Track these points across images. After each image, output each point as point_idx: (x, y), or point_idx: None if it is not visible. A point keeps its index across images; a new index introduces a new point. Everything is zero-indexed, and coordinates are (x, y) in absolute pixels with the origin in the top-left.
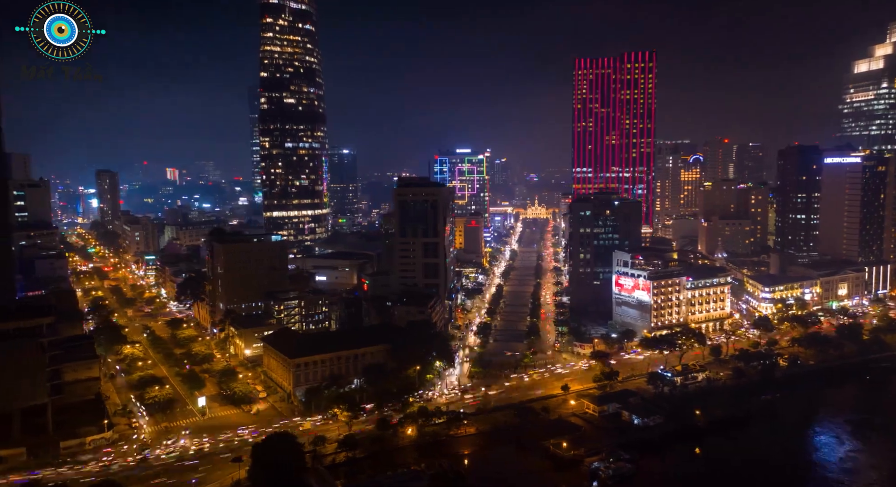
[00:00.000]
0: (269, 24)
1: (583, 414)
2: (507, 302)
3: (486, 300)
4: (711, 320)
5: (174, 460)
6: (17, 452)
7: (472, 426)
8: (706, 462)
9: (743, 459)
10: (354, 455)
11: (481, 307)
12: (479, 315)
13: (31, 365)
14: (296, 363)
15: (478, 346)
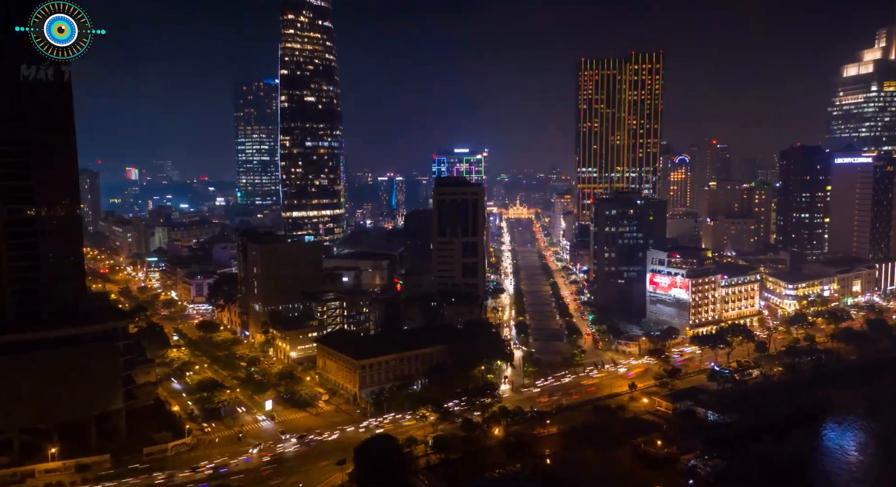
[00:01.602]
0: (290, 21)
1: (655, 412)
2: (527, 301)
3: (508, 300)
4: (743, 317)
5: (263, 466)
6: (102, 459)
7: (553, 425)
8: (790, 458)
9: (825, 454)
10: (448, 456)
11: (505, 306)
12: (508, 314)
13: (109, 370)
14: (361, 364)
15: (525, 345)
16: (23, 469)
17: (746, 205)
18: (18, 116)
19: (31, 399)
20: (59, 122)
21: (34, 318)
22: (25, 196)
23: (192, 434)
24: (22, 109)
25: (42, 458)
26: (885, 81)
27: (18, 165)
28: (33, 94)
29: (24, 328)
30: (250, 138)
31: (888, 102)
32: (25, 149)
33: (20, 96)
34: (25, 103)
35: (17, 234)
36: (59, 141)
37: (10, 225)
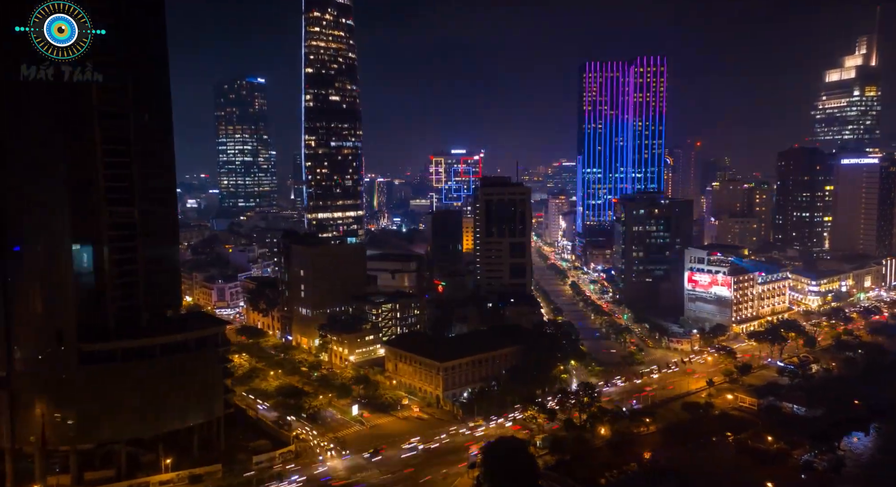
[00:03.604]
0: (315, 19)
1: (738, 408)
2: (555, 301)
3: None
4: (776, 313)
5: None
6: (214, 469)
7: (651, 424)
8: (882, 449)
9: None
10: (562, 458)
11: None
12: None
13: (212, 377)
14: (444, 366)
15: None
16: (137, 481)
17: (747, 205)
18: (123, 116)
19: (138, 408)
20: (158, 122)
21: (134, 325)
22: (126, 197)
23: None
24: (126, 109)
25: (150, 469)
26: (866, 86)
27: (120, 165)
28: (136, 95)
29: (128, 335)
30: (232, 138)
31: (869, 106)
32: (127, 150)
33: (126, 96)
34: (129, 103)
35: (118, 237)
36: (158, 141)
37: (112, 227)
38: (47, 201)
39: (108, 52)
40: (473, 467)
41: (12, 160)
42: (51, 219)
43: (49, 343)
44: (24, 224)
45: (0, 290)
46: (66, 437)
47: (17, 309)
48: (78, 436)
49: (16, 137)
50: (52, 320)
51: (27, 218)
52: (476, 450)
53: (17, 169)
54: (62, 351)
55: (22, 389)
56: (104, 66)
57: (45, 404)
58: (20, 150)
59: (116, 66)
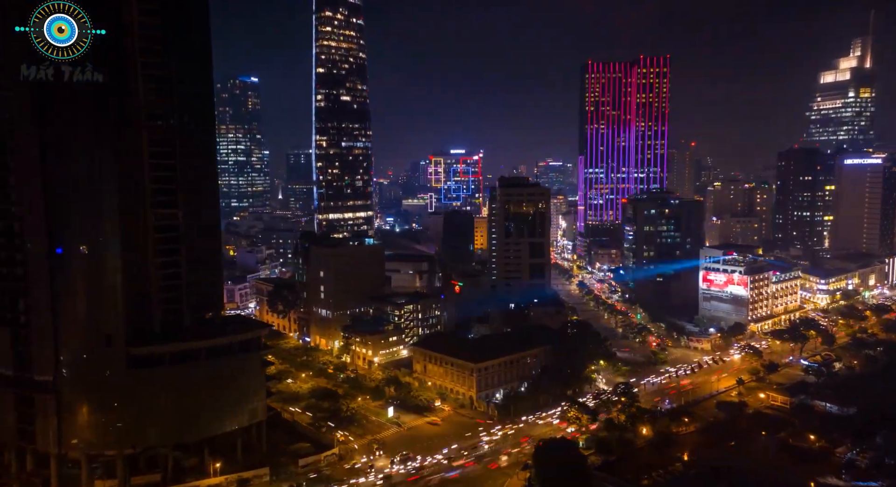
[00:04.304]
0: (327, 19)
1: (771, 406)
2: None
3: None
4: (788, 312)
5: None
6: (261, 473)
7: (690, 423)
8: None
9: None
10: (607, 458)
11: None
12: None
13: (256, 380)
14: (478, 367)
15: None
16: (185, 485)
17: (747, 205)
18: (168, 116)
19: (184, 412)
20: (199, 122)
21: (177, 328)
22: (170, 199)
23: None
24: (171, 110)
25: (195, 474)
26: (861, 88)
27: (165, 167)
28: (181, 95)
29: (172, 338)
30: (225, 138)
31: (864, 108)
32: (171, 151)
33: (171, 97)
34: (174, 104)
35: (161, 240)
36: (198, 141)
37: (156, 229)
38: (97, 203)
39: (153, 52)
40: (527, 467)
41: (62, 162)
42: (100, 222)
43: (97, 346)
44: (73, 226)
45: (48, 293)
46: (112, 442)
47: (64, 313)
48: (124, 441)
49: (66, 138)
50: (100, 324)
51: (77, 220)
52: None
53: (67, 171)
54: (110, 355)
55: (69, 393)
56: (151, 67)
57: (92, 408)
58: (70, 152)
59: (162, 67)
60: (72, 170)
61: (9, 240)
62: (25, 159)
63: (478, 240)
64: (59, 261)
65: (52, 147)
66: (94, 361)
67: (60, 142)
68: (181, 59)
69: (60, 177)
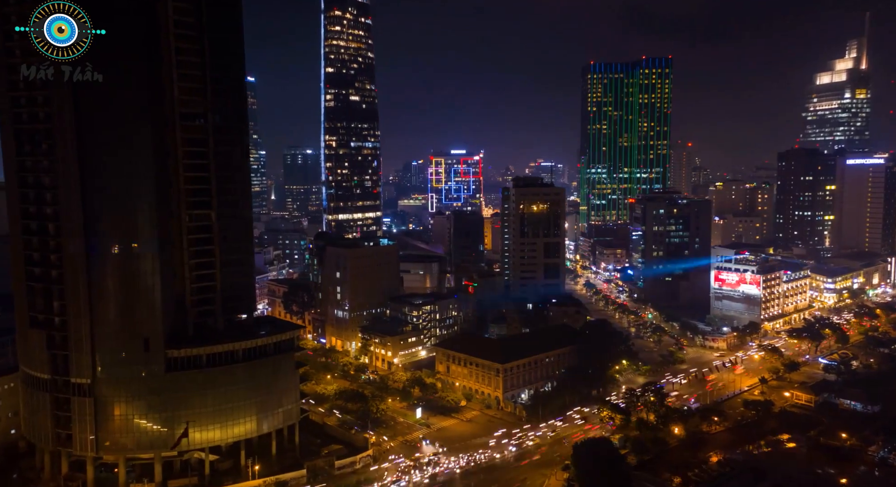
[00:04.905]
0: (336, 18)
1: (795, 405)
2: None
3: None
4: (798, 310)
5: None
6: (298, 475)
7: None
8: None
9: None
10: (642, 458)
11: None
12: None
13: (291, 381)
14: (505, 368)
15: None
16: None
17: (748, 204)
18: (202, 116)
19: (221, 414)
20: (232, 122)
21: (211, 330)
22: (204, 199)
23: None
24: (206, 109)
25: (232, 476)
26: (857, 89)
27: (199, 167)
28: (215, 93)
29: (206, 340)
30: None
31: (859, 108)
32: (205, 151)
33: (205, 96)
34: (209, 103)
35: (195, 241)
36: (231, 141)
37: (191, 230)
38: (134, 203)
39: (188, 50)
40: (567, 468)
41: (99, 162)
42: (138, 222)
43: (135, 349)
44: (110, 227)
45: (86, 295)
46: (149, 445)
47: (101, 315)
48: (162, 444)
49: (104, 138)
50: (137, 325)
51: (114, 220)
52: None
53: (104, 171)
54: (148, 357)
55: (106, 396)
56: (187, 66)
57: (129, 411)
58: (108, 151)
59: (196, 65)
60: (109, 170)
61: (43, 241)
62: (63, 159)
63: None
64: (96, 262)
65: (90, 147)
66: (131, 363)
67: (98, 142)
68: (214, 57)
69: (97, 177)
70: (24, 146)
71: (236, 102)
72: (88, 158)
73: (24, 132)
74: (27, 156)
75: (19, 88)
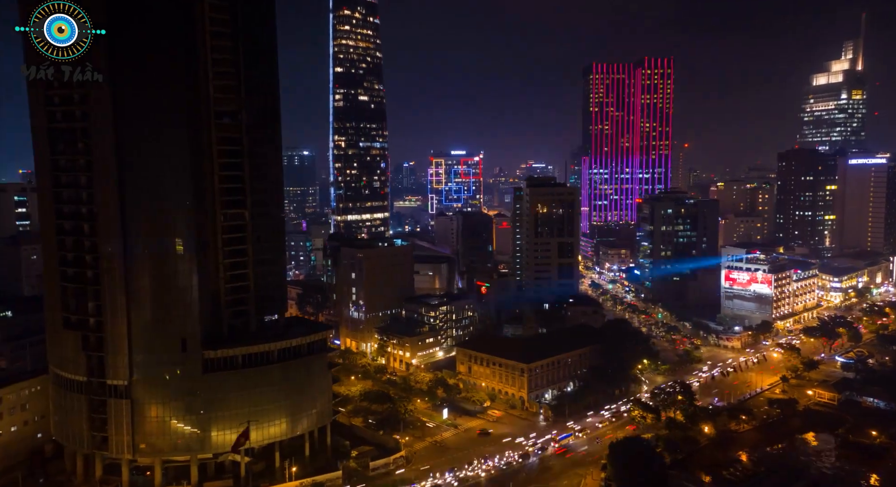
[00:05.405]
0: (345, 17)
1: (818, 403)
2: None
3: None
4: (808, 309)
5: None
6: (334, 476)
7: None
8: None
9: None
10: (675, 456)
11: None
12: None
13: (325, 382)
14: (529, 368)
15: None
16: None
17: (749, 204)
18: (236, 114)
19: (256, 416)
20: (264, 120)
21: (244, 331)
22: (238, 199)
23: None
24: (240, 106)
25: (266, 478)
26: (853, 90)
27: (233, 166)
28: (248, 92)
29: (240, 341)
30: None
31: (856, 109)
32: (240, 150)
33: (239, 93)
34: (242, 101)
35: (230, 240)
36: (264, 139)
37: (225, 230)
38: (172, 203)
39: (223, 48)
40: (605, 468)
41: (137, 161)
42: (175, 222)
43: (172, 350)
44: (148, 226)
45: (123, 296)
46: (185, 447)
47: (138, 316)
48: (197, 446)
49: (141, 137)
50: (175, 326)
51: (151, 220)
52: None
53: (141, 170)
54: (185, 359)
55: (142, 398)
56: (221, 63)
57: (166, 413)
58: (145, 150)
59: (230, 63)
60: (146, 169)
61: (77, 241)
62: (100, 158)
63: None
64: (133, 262)
65: (127, 145)
66: (168, 364)
67: (135, 141)
68: (248, 54)
69: (135, 176)
70: (58, 145)
71: (269, 100)
72: (126, 157)
73: (58, 131)
74: (61, 155)
75: (54, 87)
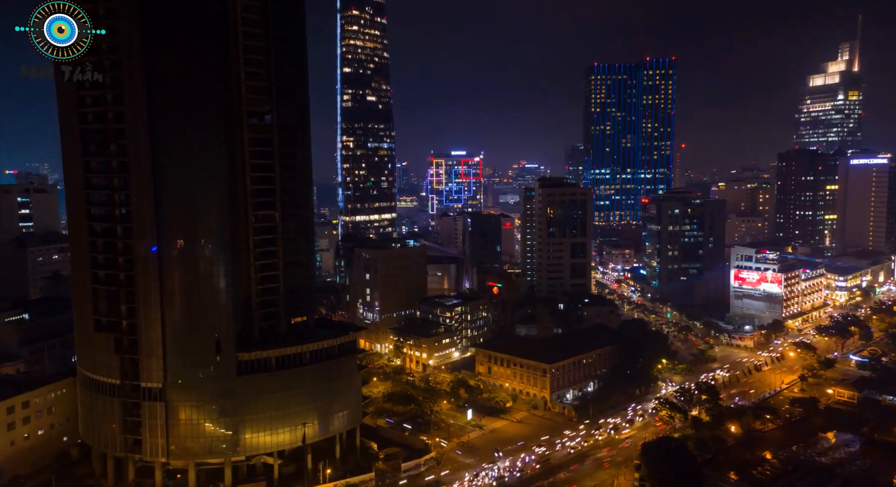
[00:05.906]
0: (354, 17)
1: (838, 401)
2: None
3: None
4: (815, 308)
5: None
6: (367, 478)
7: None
8: None
9: None
10: (704, 456)
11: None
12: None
13: (354, 384)
14: (552, 368)
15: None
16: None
17: (750, 204)
18: (267, 114)
19: (290, 418)
20: (294, 120)
21: (274, 333)
22: (269, 200)
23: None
24: (271, 107)
25: (298, 480)
26: (849, 91)
27: (264, 167)
28: (279, 91)
29: (271, 343)
30: None
31: (852, 110)
32: (270, 151)
33: (270, 94)
34: (273, 101)
35: (261, 242)
36: (293, 140)
37: (256, 232)
38: (206, 204)
39: (254, 48)
40: (639, 468)
41: (171, 162)
42: (209, 224)
43: (206, 352)
44: (181, 228)
45: (157, 298)
46: (219, 449)
47: (171, 318)
48: (231, 448)
49: (176, 138)
50: (209, 328)
51: (185, 222)
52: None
53: (176, 171)
54: (219, 361)
55: (177, 401)
56: (254, 64)
57: (200, 415)
58: (180, 151)
59: (261, 63)
60: (180, 171)
61: (109, 243)
62: (134, 160)
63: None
64: (167, 264)
65: (161, 147)
66: (202, 366)
67: (169, 142)
68: (279, 54)
69: (168, 178)
70: (90, 147)
71: (299, 101)
72: (160, 158)
73: (90, 132)
74: (93, 156)
75: (86, 87)
